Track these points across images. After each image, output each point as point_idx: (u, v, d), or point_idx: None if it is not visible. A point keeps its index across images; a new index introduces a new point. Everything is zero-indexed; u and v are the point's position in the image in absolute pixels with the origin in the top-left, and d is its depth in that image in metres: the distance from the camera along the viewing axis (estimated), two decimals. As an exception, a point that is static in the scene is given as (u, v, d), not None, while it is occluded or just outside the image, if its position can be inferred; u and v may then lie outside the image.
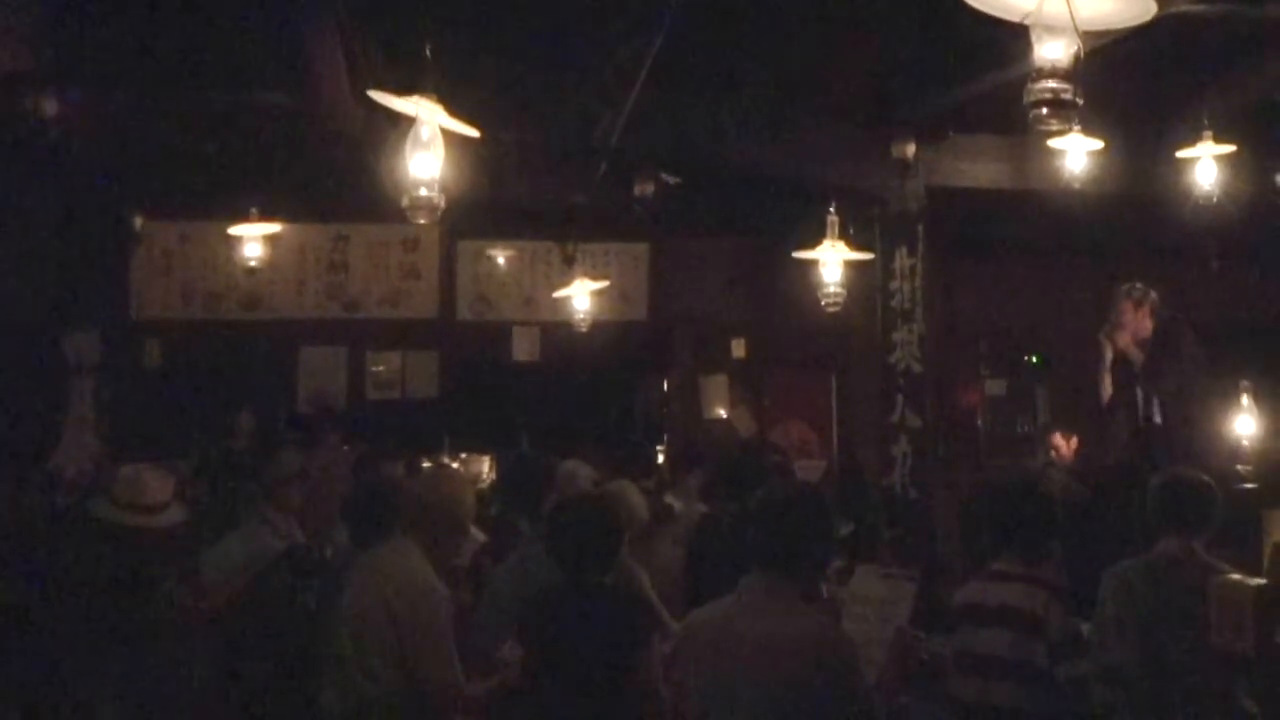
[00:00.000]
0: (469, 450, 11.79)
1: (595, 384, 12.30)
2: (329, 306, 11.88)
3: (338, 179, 9.29)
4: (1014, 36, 3.63)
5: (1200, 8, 6.25)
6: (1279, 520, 6.11)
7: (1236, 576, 4.76)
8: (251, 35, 7.41)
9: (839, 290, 7.90)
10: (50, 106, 7.25)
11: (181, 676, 4.51)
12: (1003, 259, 11.94)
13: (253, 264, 9.95)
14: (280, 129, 8.31)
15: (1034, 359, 12.25)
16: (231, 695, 5.41)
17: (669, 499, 8.28)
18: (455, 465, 11.01)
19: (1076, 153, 7.47)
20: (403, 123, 4.92)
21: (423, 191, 4.78)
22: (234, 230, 9.88)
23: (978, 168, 9.11)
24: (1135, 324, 8.05)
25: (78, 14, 7.30)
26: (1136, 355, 8.04)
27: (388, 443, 9.01)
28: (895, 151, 8.45)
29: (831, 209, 7.85)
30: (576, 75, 7.71)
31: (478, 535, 6.38)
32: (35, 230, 10.58)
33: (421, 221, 4.91)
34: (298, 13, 6.76)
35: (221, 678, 5.36)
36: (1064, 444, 9.93)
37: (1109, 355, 8.16)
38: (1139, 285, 8.11)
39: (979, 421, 12.18)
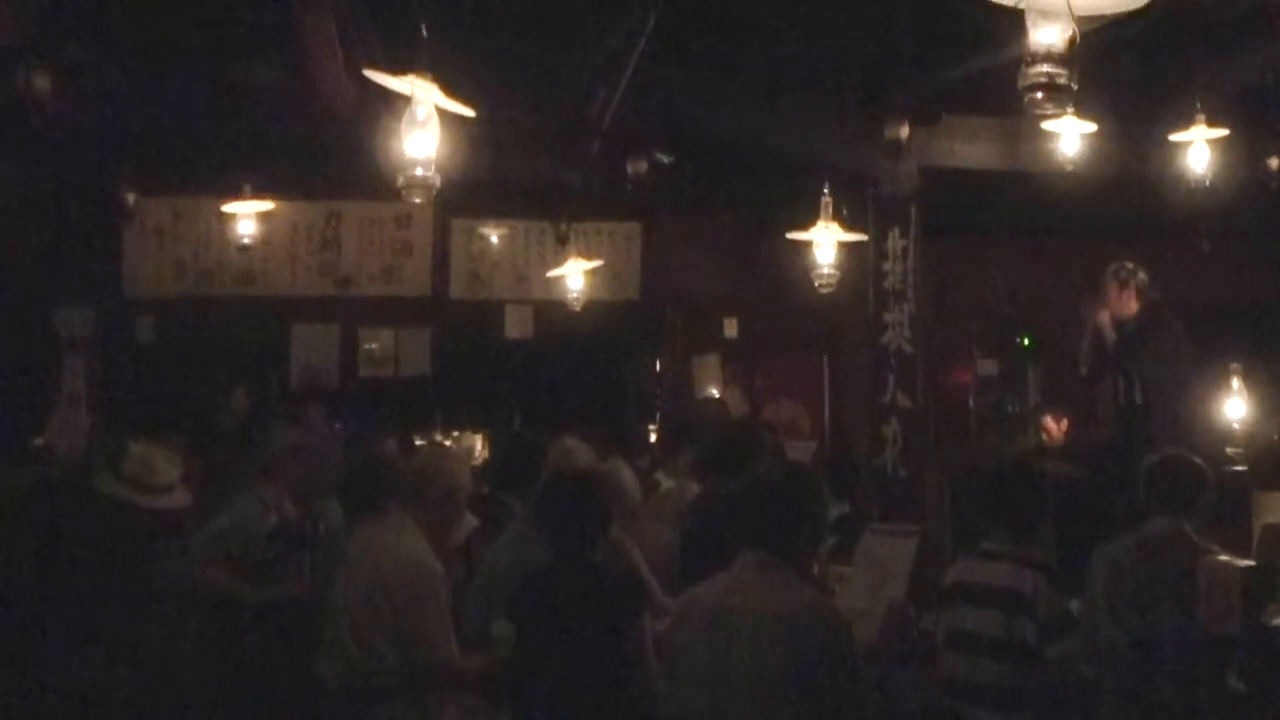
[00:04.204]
0: (461, 428, 11.82)
1: (588, 363, 12.31)
2: (321, 283, 11.85)
3: (331, 156, 9.28)
4: (1008, 18, 3.63)
5: (1194, -9, 6.27)
6: (1269, 502, 6.14)
7: (1225, 558, 4.80)
8: (245, 11, 7.40)
9: (832, 271, 7.91)
10: (43, 82, 7.22)
11: (179, 649, 4.54)
12: (995, 240, 11.97)
13: (245, 241, 9.93)
14: (274, 106, 8.29)
15: (1025, 340, 12.28)
16: (229, 668, 5.44)
17: (659, 477, 8.30)
18: (448, 443, 11.02)
19: (1070, 135, 7.49)
20: (397, 101, 4.92)
21: (418, 171, 4.78)
22: (227, 207, 9.87)
23: (971, 149, 9.10)
24: (1118, 303, 8.11)
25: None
26: (1110, 334, 8.11)
27: (380, 420, 9.02)
28: (888, 132, 8.44)
29: (825, 190, 7.86)
30: (572, 54, 7.71)
31: (471, 520, 6.40)
32: (27, 206, 10.57)
33: (417, 201, 4.92)
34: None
35: (219, 651, 5.39)
36: (1054, 426, 9.96)
37: (1088, 329, 8.24)
38: (1128, 265, 8.17)
39: (970, 402, 12.21)
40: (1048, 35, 3.46)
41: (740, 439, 7.25)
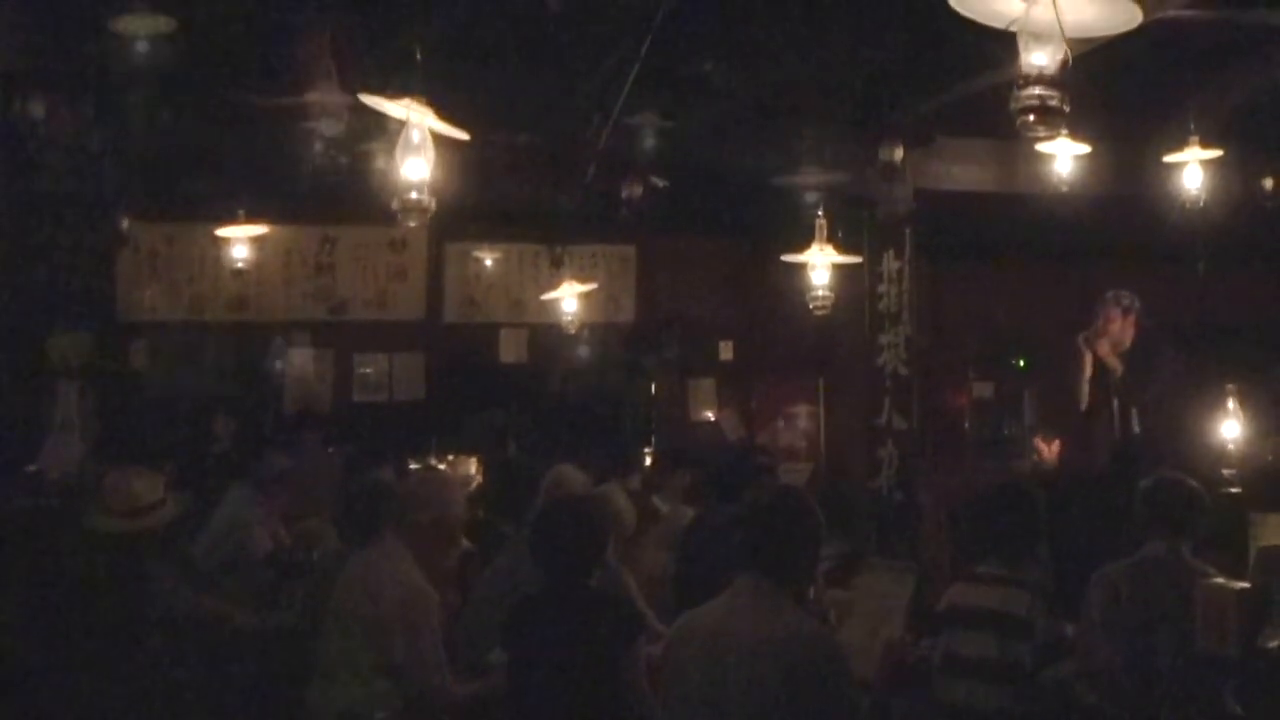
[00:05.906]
0: (456, 452, 11.79)
1: (583, 386, 12.29)
2: (316, 308, 11.86)
3: (325, 180, 9.28)
4: (1002, 41, 3.63)
5: (1186, 13, 6.27)
6: (1265, 524, 6.13)
7: (1221, 580, 4.78)
8: (241, 37, 7.40)
9: (827, 294, 7.91)
10: (37, 107, 7.23)
11: (174, 676, 4.52)
12: (990, 262, 11.97)
13: (240, 266, 9.92)
14: (268, 131, 8.29)
15: (1021, 362, 12.27)
16: (223, 694, 5.42)
17: (655, 501, 8.29)
18: (442, 467, 11.00)
19: (1064, 157, 7.49)
20: (392, 126, 4.91)
21: (413, 195, 4.76)
22: (221, 232, 9.87)
23: (965, 171, 9.11)
24: (1119, 332, 8.09)
25: (62, 14, 7.28)
26: (1115, 364, 8.09)
27: (374, 445, 9.00)
28: (883, 155, 8.44)
29: (820, 213, 7.87)
30: (566, 78, 7.71)
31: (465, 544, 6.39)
32: (21, 231, 10.55)
33: (412, 225, 4.91)
34: (287, 14, 6.75)
35: (214, 677, 5.37)
36: (1045, 448, 9.97)
37: (1088, 362, 8.20)
38: (1127, 294, 8.15)
39: (965, 424, 12.19)
40: (1040, 58, 3.46)
41: (736, 463, 7.25)
